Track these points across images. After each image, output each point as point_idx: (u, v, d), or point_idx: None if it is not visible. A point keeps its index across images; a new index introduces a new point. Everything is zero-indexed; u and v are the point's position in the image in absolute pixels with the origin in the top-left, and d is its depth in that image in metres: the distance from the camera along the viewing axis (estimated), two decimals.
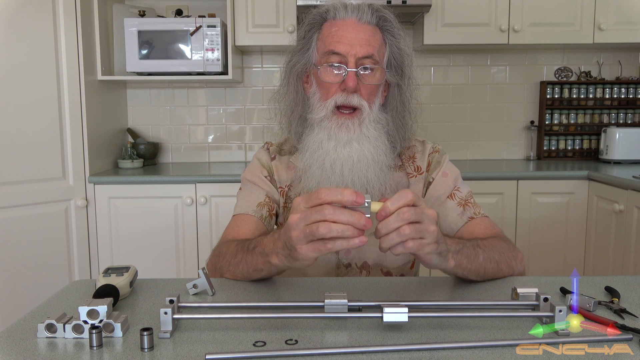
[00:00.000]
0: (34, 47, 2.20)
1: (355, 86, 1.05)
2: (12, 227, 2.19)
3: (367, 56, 1.05)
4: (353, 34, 1.06)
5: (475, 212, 1.14)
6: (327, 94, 1.08)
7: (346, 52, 1.05)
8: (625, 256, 2.20)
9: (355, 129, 1.07)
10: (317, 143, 1.09)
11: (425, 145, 1.22)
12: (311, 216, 0.75)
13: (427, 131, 3.15)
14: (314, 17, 1.11)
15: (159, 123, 2.99)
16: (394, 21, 1.11)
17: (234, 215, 1.17)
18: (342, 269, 1.16)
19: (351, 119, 1.07)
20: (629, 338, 0.72)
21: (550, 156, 2.99)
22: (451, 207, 1.14)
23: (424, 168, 1.19)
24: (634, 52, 2.98)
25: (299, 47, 1.13)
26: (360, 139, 1.07)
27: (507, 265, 1.01)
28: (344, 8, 1.07)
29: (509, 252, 1.03)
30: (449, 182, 1.16)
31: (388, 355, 0.69)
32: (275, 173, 1.20)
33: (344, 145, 1.07)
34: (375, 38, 1.07)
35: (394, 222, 0.75)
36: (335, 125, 1.07)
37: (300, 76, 1.14)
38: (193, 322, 0.79)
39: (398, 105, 1.13)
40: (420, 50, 2.92)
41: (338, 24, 1.07)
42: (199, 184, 2.42)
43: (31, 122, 2.21)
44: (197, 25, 2.53)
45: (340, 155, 1.07)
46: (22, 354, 0.70)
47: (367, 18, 1.07)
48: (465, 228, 1.12)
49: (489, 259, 0.97)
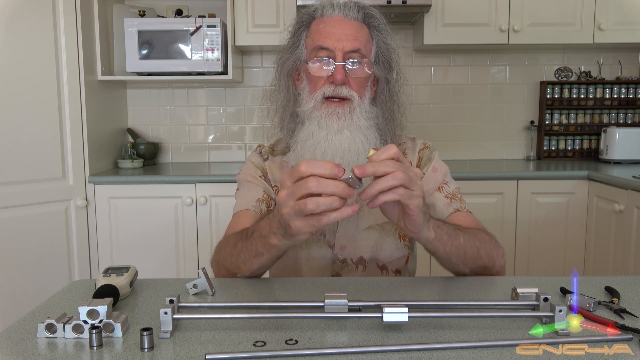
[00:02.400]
0: (34, 47, 2.20)
1: (343, 78, 1.06)
2: (12, 227, 2.19)
3: (354, 50, 1.07)
4: (340, 30, 1.08)
5: (462, 206, 1.16)
6: (315, 88, 1.09)
7: (334, 46, 1.07)
8: (625, 256, 2.20)
9: (346, 117, 1.07)
10: (308, 134, 1.09)
11: (416, 142, 1.24)
12: (297, 191, 0.77)
13: (427, 131, 3.17)
14: (302, 16, 1.14)
15: (159, 123, 2.99)
16: (380, 18, 1.13)
17: (235, 214, 1.18)
18: (338, 264, 1.16)
19: (341, 107, 1.08)
20: (629, 338, 0.72)
21: (550, 156, 2.99)
22: (439, 199, 1.16)
23: (415, 164, 1.21)
24: (634, 52, 2.98)
25: (288, 45, 1.15)
26: (351, 127, 1.07)
27: (487, 254, 1.02)
28: (330, 6, 1.10)
29: (490, 243, 1.05)
30: (438, 177, 1.18)
31: (388, 355, 0.69)
32: (269, 173, 1.22)
33: (335, 133, 1.07)
34: (362, 33, 1.10)
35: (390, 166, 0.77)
36: (326, 114, 1.07)
37: (290, 73, 1.15)
38: (193, 322, 0.79)
39: (387, 100, 1.14)
40: (420, 50, 2.92)
41: (325, 21, 1.10)
42: (199, 184, 2.42)
43: (31, 122, 2.21)
44: (197, 25, 2.53)
45: (331, 143, 1.07)
46: (22, 354, 0.70)
47: (353, 14, 1.10)
48: (449, 218, 1.14)
49: (470, 244, 0.99)
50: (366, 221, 1.16)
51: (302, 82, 1.14)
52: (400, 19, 2.77)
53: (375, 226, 1.16)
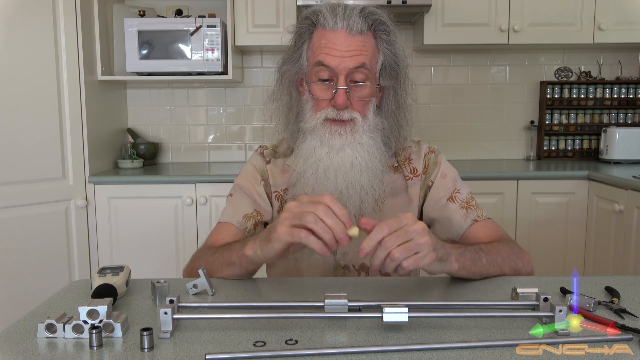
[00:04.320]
0: (34, 47, 2.20)
1: (345, 103, 1.04)
2: (12, 227, 2.19)
3: (358, 66, 1.03)
4: (343, 47, 1.03)
5: (479, 215, 1.14)
6: (317, 107, 1.08)
7: (335, 65, 1.03)
8: (625, 256, 2.19)
9: (347, 136, 1.07)
10: (310, 149, 1.09)
11: (421, 146, 1.21)
12: (306, 206, 0.82)
13: (427, 131, 3.17)
14: (304, 23, 1.09)
15: (159, 123, 2.99)
16: (388, 23, 1.07)
17: (219, 222, 1.16)
18: (340, 270, 1.16)
19: (343, 127, 1.07)
20: (629, 338, 0.72)
21: (550, 156, 2.99)
22: (454, 210, 1.14)
23: (421, 170, 1.19)
24: (634, 52, 2.98)
25: (289, 54, 1.12)
26: (353, 145, 1.07)
27: (511, 268, 1.02)
28: (333, 17, 1.03)
29: (513, 254, 1.04)
30: (449, 184, 1.16)
31: (388, 355, 0.69)
32: (271, 177, 1.19)
33: (337, 151, 1.07)
34: (367, 47, 1.04)
35: (381, 252, 0.79)
36: (328, 132, 1.07)
37: (293, 82, 1.13)
38: (193, 322, 0.79)
39: (393, 108, 1.12)
40: (421, 50, 2.92)
41: (327, 36, 1.04)
42: (199, 184, 2.42)
43: (31, 122, 2.21)
44: (197, 25, 2.53)
45: (333, 161, 1.07)
46: (22, 354, 0.70)
47: (357, 27, 1.03)
48: (470, 231, 1.13)
49: (492, 263, 0.99)
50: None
51: (305, 92, 1.11)
52: (400, 19, 2.77)
53: None
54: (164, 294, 0.88)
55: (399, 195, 1.17)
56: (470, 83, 3.00)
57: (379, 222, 0.81)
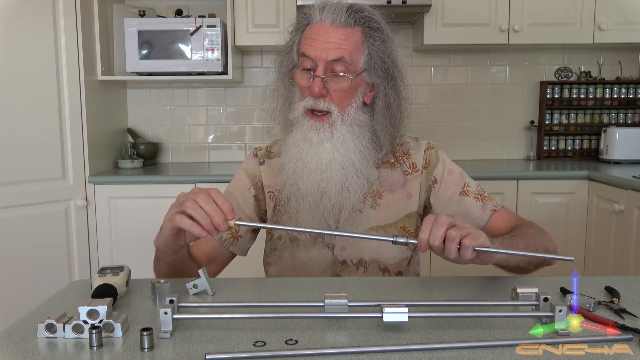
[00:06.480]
0: (34, 47, 2.20)
1: (320, 92, 1.05)
2: (12, 227, 2.19)
3: (336, 59, 1.05)
4: (324, 38, 1.05)
5: (495, 205, 1.16)
6: (302, 96, 1.10)
7: (316, 56, 1.05)
8: (625, 256, 2.20)
9: (325, 131, 1.08)
10: (294, 142, 1.11)
11: (419, 142, 1.22)
12: (190, 195, 0.89)
13: (427, 131, 3.17)
14: (300, 18, 1.12)
15: (159, 123, 2.99)
16: (379, 21, 1.09)
17: None
18: (338, 265, 1.16)
19: (321, 122, 1.08)
20: (629, 338, 0.72)
21: (550, 156, 2.99)
22: (470, 204, 1.15)
23: (420, 165, 1.19)
24: (634, 52, 2.98)
25: (284, 46, 1.15)
26: (331, 140, 1.08)
27: (543, 247, 1.04)
28: (320, 11, 1.07)
29: (539, 235, 1.06)
30: (457, 179, 1.18)
31: (388, 355, 0.69)
32: (264, 178, 1.21)
33: (316, 145, 1.08)
34: (350, 41, 1.05)
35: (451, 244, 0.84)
36: (307, 126, 1.09)
37: (288, 74, 1.15)
38: (193, 322, 0.79)
39: (382, 107, 1.12)
40: (420, 50, 2.92)
41: (314, 28, 1.07)
42: (199, 184, 2.42)
43: (31, 122, 2.21)
44: (197, 25, 2.53)
45: (313, 155, 1.08)
46: (22, 354, 0.70)
47: (342, 20, 1.05)
48: (491, 221, 1.14)
49: (528, 246, 1.01)
50: (367, 222, 1.15)
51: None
52: (400, 19, 2.77)
53: (377, 228, 1.16)
54: (164, 294, 0.88)
55: (396, 190, 1.17)
56: (470, 83, 3.00)
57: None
